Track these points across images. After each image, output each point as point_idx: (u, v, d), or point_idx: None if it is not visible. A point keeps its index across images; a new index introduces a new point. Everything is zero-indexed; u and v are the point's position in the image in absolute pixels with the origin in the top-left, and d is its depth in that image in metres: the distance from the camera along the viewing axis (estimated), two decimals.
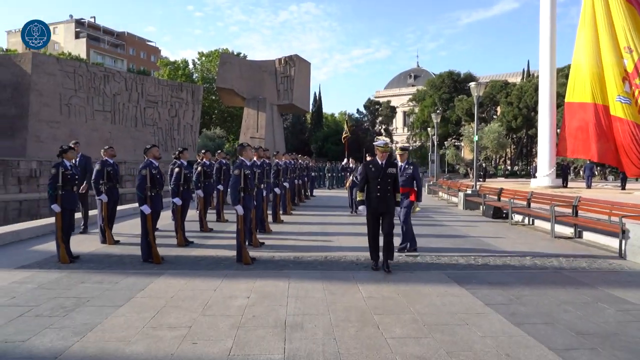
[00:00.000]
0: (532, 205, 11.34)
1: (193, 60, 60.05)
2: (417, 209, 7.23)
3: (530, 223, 11.06)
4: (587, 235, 8.80)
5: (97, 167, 7.55)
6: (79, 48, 69.71)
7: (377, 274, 5.77)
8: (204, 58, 59.19)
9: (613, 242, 7.68)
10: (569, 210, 9.44)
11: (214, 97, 52.60)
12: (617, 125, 23.68)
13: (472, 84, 15.93)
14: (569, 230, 9.33)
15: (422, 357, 3.27)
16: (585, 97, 25.29)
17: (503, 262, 6.59)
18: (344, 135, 33.21)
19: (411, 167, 7.10)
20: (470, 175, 39.05)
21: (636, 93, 23.92)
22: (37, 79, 22.40)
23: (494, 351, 3.38)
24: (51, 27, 76.19)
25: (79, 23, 74.89)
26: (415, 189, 7.10)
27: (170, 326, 3.83)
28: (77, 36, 73.87)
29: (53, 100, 23.22)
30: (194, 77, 57.10)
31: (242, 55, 56.25)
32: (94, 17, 78.39)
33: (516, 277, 5.68)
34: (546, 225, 9.97)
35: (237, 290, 4.91)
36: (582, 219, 8.98)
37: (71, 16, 74.78)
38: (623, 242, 7.03)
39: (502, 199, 12.95)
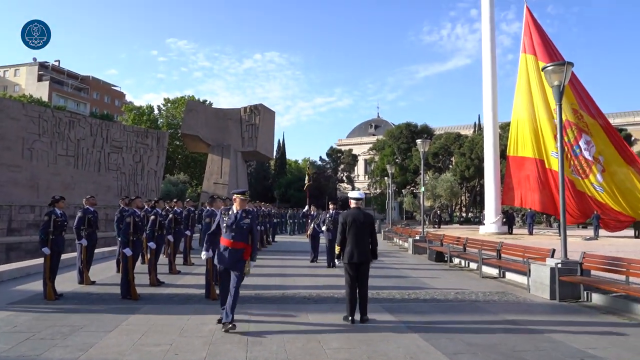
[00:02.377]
0: (468, 249, 12.85)
1: (158, 106, 61.14)
2: (248, 269, 5.58)
3: (467, 266, 12.51)
4: (509, 275, 10.27)
5: (79, 214, 8.44)
6: (41, 91, 69.40)
7: (324, 306, 6.89)
8: (169, 104, 60.43)
9: (526, 280, 9.14)
10: (495, 254, 10.98)
11: (178, 143, 53.42)
12: (551, 178, 26.33)
13: (418, 141, 17.80)
14: (495, 271, 10.80)
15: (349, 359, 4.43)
16: (526, 152, 28.10)
17: (431, 297, 7.87)
18: (306, 184, 34.60)
19: (249, 217, 5.64)
20: (427, 222, 41.14)
21: (566, 149, 26.84)
22: (0, 123, 22.72)
23: (403, 356, 4.58)
24: (13, 69, 75.40)
25: (43, 66, 74.94)
26: (251, 244, 5.63)
27: (155, 344, 4.82)
28: (39, 79, 73.68)
29: (15, 144, 23.47)
30: (158, 122, 57.94)
31: (207, 102, 57.87)
32: (59, 61, 78.69)
33: (438, 308, 6.96)
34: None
35: (207, 319, 5.91)
36: (504, 261, 10.49)
37: (35, 59, 74.78)
38: (529, 279, 8.52)
39: (444, 244, 14.44)
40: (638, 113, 55.41)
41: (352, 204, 6.36)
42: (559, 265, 7.82)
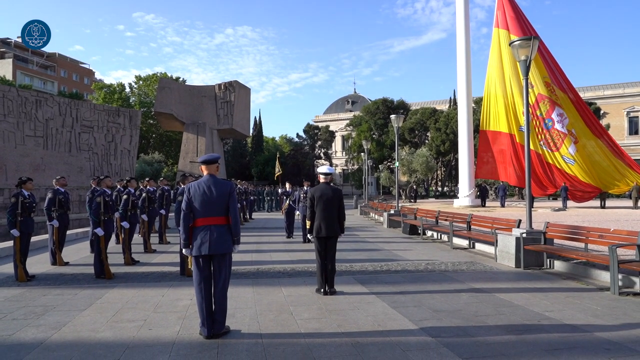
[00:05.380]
0: (440, 222, 13.19)
1: (130, 83, 59.52)
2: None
3: (439, 238, 12.87)
4: (479, 246, 10.63)
5: (49, 195, 8.31)
6: (4, 69, 66.54)
7: (298, 279, 7.05)
8: (141, 82, 58.89)
9: (493, 250, 9.49)
10: (465, 226, 11.32)
11: (152, 121, 52.35)
12: (522, 152, 26.92)
13: (392, 116, 17.91)
14: (465, 242, 11.15)
15: (319, 328, 4.60)
16: (500, 127, 28.57)
17: (402, 268, 8.12)
18: (276, 173, 34.42)
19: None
20: (403, 197, 41.77)
21: (536, 124, 27.37)
22: None
23: (371, 323, 4.77)
24: None
25: (5, 43, 71.65)
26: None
27: (129, 320, 4.89)
28: (1, 56, 70.54)
29: None
30: (130, 100, 56.52)
31: (180, 79, 56.62)
32: (21, 37, 75.24)
33: (408, 278, 7.20)
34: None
35: (182, 295, 6.00)
36: (474, 232, 10.84)
37: None
38: (496, 249, 8.86)
39: (417, 217, 14.77)
40: (608, 87, 56.76)
41: (321, 179, 6.43)
42: (524, 235, 8.15)
